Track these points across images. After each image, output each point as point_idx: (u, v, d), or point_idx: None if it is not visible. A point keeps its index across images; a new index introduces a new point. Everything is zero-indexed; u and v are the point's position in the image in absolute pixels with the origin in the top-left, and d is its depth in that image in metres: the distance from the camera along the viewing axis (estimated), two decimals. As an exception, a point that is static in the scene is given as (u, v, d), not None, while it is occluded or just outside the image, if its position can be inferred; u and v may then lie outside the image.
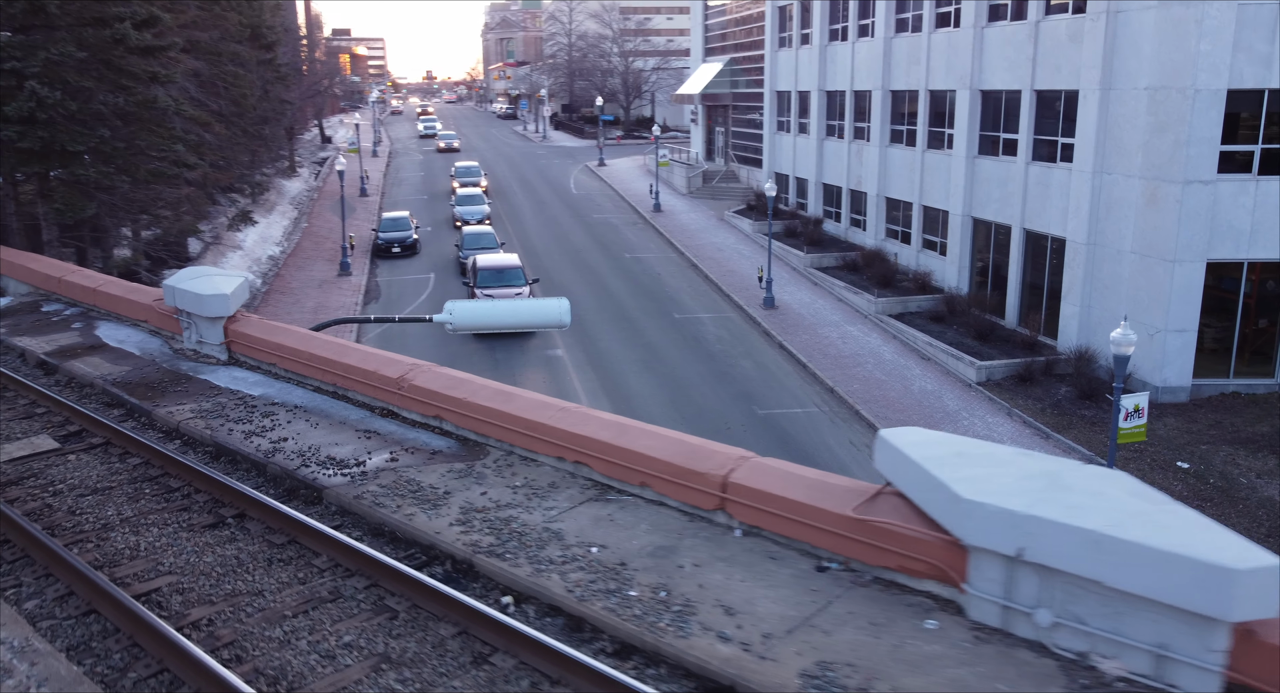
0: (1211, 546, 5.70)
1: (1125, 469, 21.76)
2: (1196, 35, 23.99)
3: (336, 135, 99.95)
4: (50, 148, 20.82)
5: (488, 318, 16.73)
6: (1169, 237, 25.25)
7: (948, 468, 6.89)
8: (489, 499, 8.91)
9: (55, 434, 11.18)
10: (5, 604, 7.07)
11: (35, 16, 20.54)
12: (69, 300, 17.29)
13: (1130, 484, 6.55)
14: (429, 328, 33.42)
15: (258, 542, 8.52)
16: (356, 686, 6.46)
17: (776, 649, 6.47)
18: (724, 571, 7.54)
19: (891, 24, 39.09)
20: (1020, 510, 6.24)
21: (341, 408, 11.54)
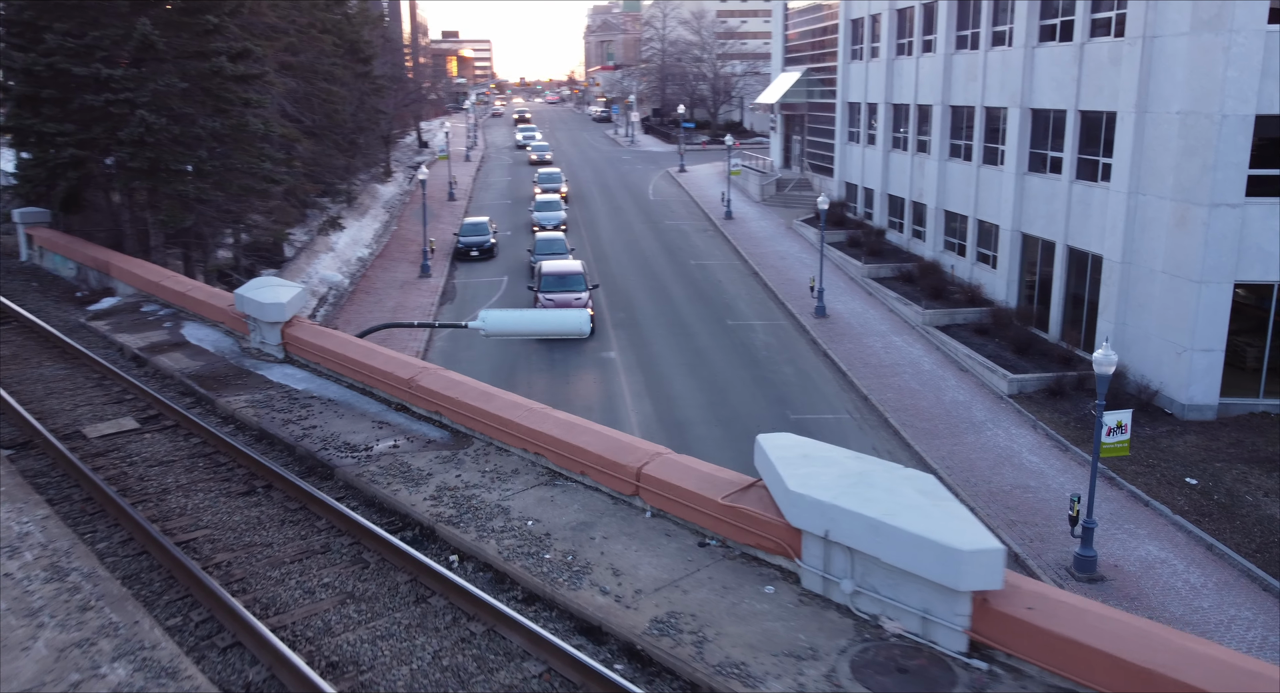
0: (954, 532, 7.35)
1: (1134, 484, 22.72)
2: (1224, 62, 24.53)
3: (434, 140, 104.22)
4: (156, 166, 23.86)
5: (515, 325, 18.68)
6: (1196, 258, 25.80)
7: (790, 467, 8.63)
8: (461, 481, 10.98)
9: (137, 417, 13.72)
10: (81, 543, 9.43)
11: (146, 52, 23.60)
12: (163, 302, 20.11)
13: (922, 484, 8.19)
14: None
15: (276, 507, 10.78)
16: (325, 613, 8.60)
17: (641, 602, 8.34)
18: (625, 543, 9.42)
19: (952, 41, 39.90)
20: (826, 501, 7.98)
21: (365, 402, 13.78)
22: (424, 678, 7.59)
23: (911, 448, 25.98)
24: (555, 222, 52.05)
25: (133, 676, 7.25)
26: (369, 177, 60.41)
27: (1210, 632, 17.48)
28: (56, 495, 11.01)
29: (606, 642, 8.03)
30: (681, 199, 63.67)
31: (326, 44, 39.95)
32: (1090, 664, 6.81)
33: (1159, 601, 18.48)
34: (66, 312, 20.75)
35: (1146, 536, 20.91)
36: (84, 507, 10.76)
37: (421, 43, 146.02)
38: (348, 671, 7.72)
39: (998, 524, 21.61)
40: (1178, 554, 20.05)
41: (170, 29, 23.91)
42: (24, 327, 19.11)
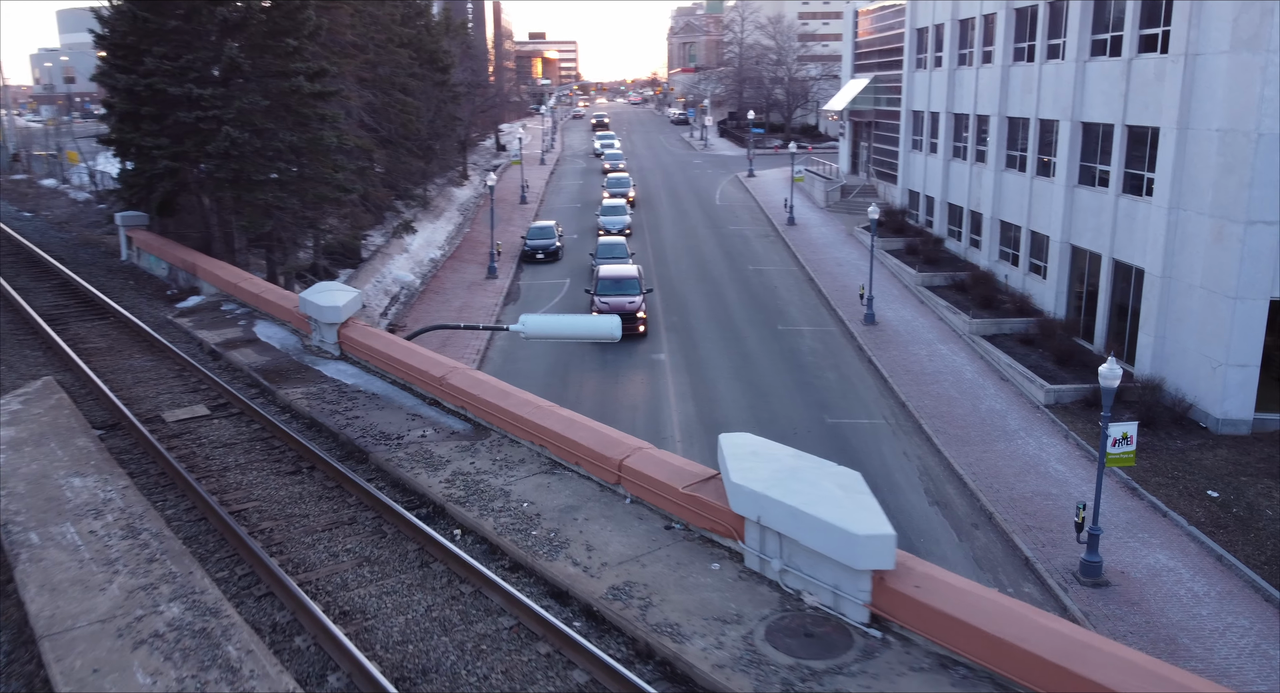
0: (855, 520, 8.63)
1: (1156, 494, 23.30)
2: (1261, 81, 24.77)
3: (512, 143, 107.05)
4: (239, 176, 26.17)
5: (553, 329, 20.10)
6: (1231, 274, 26.05)
7: (737, 461, 9.99)
8: (474, 467, 12.59)
9: (209, 404, 15.72)
10: (153, 509, 11.31)
11: (232, 73, 25.93)
12: (240, 302, 22.29)
13: (843, 479, 9.47)
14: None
15: (316, 485, 12.54)
16: (344, 572, 10.29)
17: (604, 573, 9.81)
18: (602, 524, 10.90)
19: (1010, 53, 40.23)
20: (760, 491, 9.33)
21: (403, 396, 15.53)
22: (415, 626, 9.20)
23: (941, 454, 26.82)
24: (620, 226, 53.72)
25: (184, 613, 9.01)
26: (445, 180, 62.99)
27: (1204, 638, 18.12)
28: (136, 469, 12.98)
29: (570, 604, 9.53)
30: (747, 204, 64.73)
31: (403, 57, 42.28)
32: (963, 636, 8.05)
33: (1158, 607, 19.15)
34: (157, 308, 23.11)
35: (1159, 544, 21.49)
36: (157, 480, 12.69)
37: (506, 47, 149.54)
38: (355, 618, 9.37)
39: (1013, 529, 22.42)
40: (1186, 564, 20.62)
41: (254, 51, 26.20)
42: (120, 322, 21.46)
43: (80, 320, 21.91)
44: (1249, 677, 16.98)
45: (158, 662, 8.24)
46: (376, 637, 9.01)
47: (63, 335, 19.94)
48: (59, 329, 20.51)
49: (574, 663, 8.55)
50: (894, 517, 23.09)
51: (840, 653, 8.35)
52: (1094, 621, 18.76)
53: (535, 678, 8.39)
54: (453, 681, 8.35)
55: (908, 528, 22.99)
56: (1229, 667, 17.26)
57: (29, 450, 12.97)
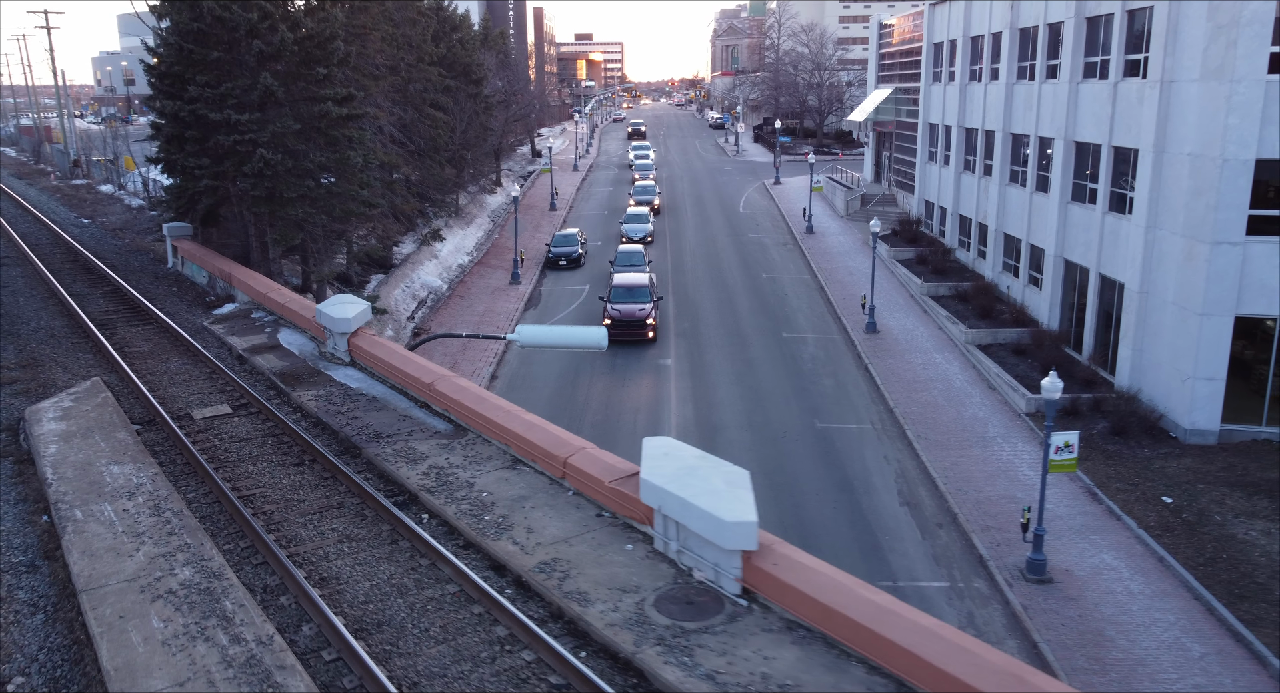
0: (727, 509, 10.57)
1: (1114, 499, 24.83)
2: (1225, 110, 26.07)
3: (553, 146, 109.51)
4: (272, 194, 28.61)
5: (544, 339, 22.12)
6: (1199, 291, 27.35)
7: (651, 461, 11.96)
8: (448, 462, 14.70)
9: (232, 404, 18.03)
10: (176, 492, 13.57)
11: (268, 99, 28.37)
12: (269, 311, 24.68)
13: (731, 476, 11.39)
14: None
15: (315, 476, 14.75)
16: (326, 547, 12.44)
17: (536, 551, 11.84)
18: (545, 511, 12.93)
19: (1014, 71, 41.54)
20: (660, 485, 11.30)
21: (399, 399, 17.70)
22: (377, 590, 11.32)
23: (919, 458, 28.46)
24: (642, 234, 55.75)
25: (194, 576, 11.22)
26: (477, 188, 65.48)
27: (1129, 631, 19.66)
28: (165, 459, 15.29)
29: (506, 575, 11.59)
30: (770, 212, 66.37)
31: (433, 75, 44.68)
32: (804, 604, 9.97)
33: (1093, 602, 20.71)
34: (195, 315, 25.62)
35: (1107, 546, 23.00)
36: (183, 468, 14.99)
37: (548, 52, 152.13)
38: (330, 583, 11.52)
39: (973, 529, 24.06)
40: (1128, 564, 22.13)
41: (288, 79, 28.62)
42: (161, 327, 23.96)
43: (127, 325, 24.45)
44: (1163, 666, 18.54)
45: (170, 611, 10.44)
46: (345, 598, 11.15)
47: (110, 339, 22.46)
48: (107, 334, 23.04)
49: (499, 621, 10.61)
50: (866, 517, 25.02)
51: (710, 617, 10.31)
52: (1032, 613, 20.40)
53: (465, 631, 10.47)
54: (400, 632, 10.45)
55: (876, 527, 24.71)
56: (1146, 657, 18.83)
57: (77, 442, 15.34)
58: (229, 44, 28.10)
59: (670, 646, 9.78)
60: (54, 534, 12.66)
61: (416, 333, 39.92)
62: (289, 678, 9.26)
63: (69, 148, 76.83)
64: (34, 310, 26.25)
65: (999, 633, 20.13)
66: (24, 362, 21.32)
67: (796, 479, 27.40)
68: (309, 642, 10.31)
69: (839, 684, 9.06)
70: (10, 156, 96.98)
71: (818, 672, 9.26)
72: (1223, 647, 19.07)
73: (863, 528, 24.64)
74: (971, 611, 21.01)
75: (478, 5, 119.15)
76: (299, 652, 10.03)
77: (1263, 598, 20.44)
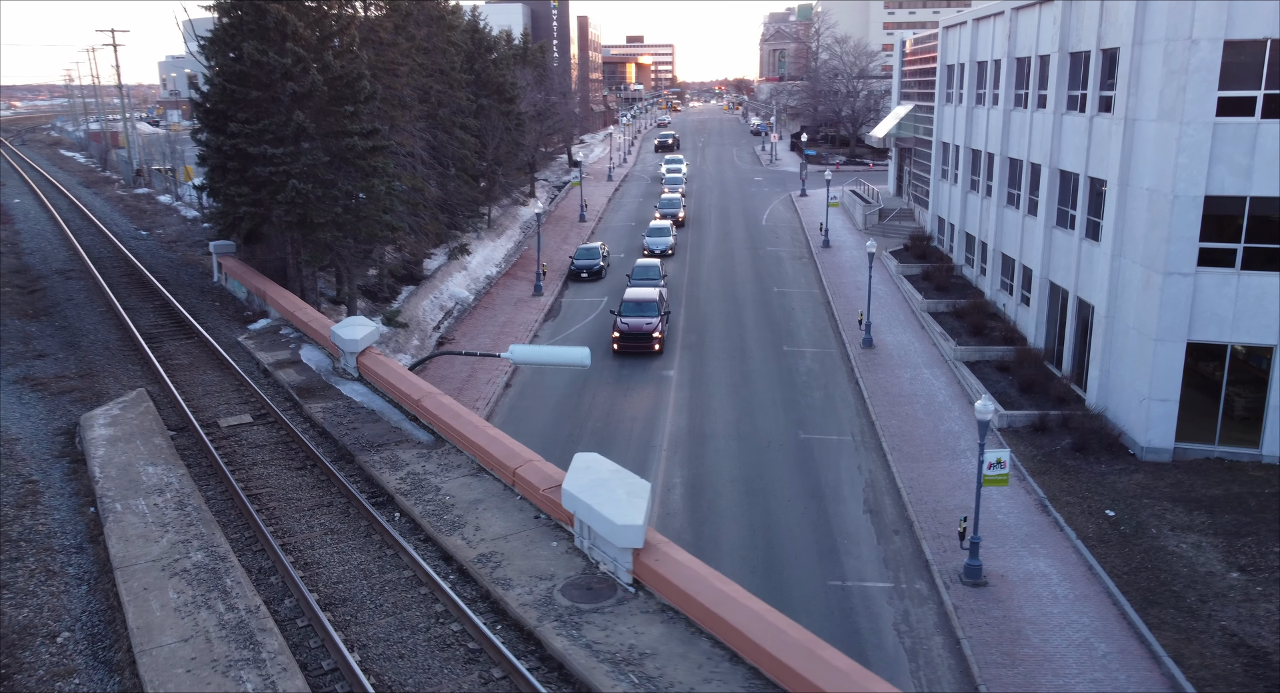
0: (621, 514, 13.13)
1: (1061, 512, 26.88)
2: (1176, 149, 27.88)
3: (592, 154, 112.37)
4: (304, 220, 31.73)
5: (534, 357, 24.79)
6: (1154, 318, 29.17)
7: (573, 474, 14.57)
8: (423, 469, 17.47)
9: (253, 414, 21.02)
10: (198, 490, 16.50)
11: (300, 135, 31.49)
12: (295, 328, 27.73)
13: (633, 487, 13.94)
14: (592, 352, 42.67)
15: (313, 478, 17.62)
16: (313, 539, 15.27)
17: (479, 545, 14.54)
18: (494, 513, 15.62)
19: (1011, 98, 43.33)
20: (574, 493, 13.91)
21: (394, 413, 20.53)
22: (347, 574, 14.11)
23: (890, 469, 30.64)
24: (663, 247, 58.32)
25: (204, 558, 14.09)
26: (510, 201, 68.54)
27: (1045, 631, 21.78)
28: (192, 462, 18.28)
29: (451, 564, 14.30)
30: (791, 225, 68.49)
31: (463, 100, 47.72)
32: (673, 592, 12.51)
33: (1019, 605, 22.85)
34: (231, 329, 28.79)
35: (1045, 554, 25.07)
36: (206, 470, 17.96)
37: (593, 59, 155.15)
38: (311, 567, 14.34)
39: (925, 536, 26.25)
40: (1060, 571, 24.20)
41: (318, 116, 31.72)
42: (200, 341, 27.14)
43: (172, 339, 27.68)
44: (1067, 663, 20.66)
45: (182, 586, 13.32)
46: (321, 578, 13.95)
47: (156, 352, 25.66)
48: (154, 347, 26.26)
49: (439, 600, 13.32)
50: (829, 522, 27.36)
51: (603, 601, 12.90)
52: (961, 613, 22.61)
53: (411, 607, 13.20)
54: (359, 606, 13.22)
55: (837, 531, 27.02)
56: (1054, 654, 20.96)
57: (121, 446, 18.39)
58: (266, 85, 31.26)
59: (565, 621, 12.40)
60: (98, 523, 15.66)
61: (440, 342, 42.93)
62: (267, 638, 12.05)
63: (132, 158, 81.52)
64: (93, 323, 29.65)
65: (929, 630, 22.39)
66: (82, 372, 24.60)
67: (772, 486, 29.78)
68: (288, 612, 13.12)
69: (687, 654, 11.61)
70: (79, 163, 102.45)
71: (673, 644, 11.82)
72: (1126, 647, 21.14)
73: (824, 532, 26.97)
74: (908, 609, 23.27)
75: (522, 16, 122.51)
76: (278, 619, 12.85)
77: (1173, 605, 22.43)
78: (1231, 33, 27.03)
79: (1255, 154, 27.47)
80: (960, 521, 24.79)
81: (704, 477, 30.36)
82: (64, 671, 12.20)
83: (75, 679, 12.06)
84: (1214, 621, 21.84)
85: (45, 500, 16.99)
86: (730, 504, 28.57)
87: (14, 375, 24.68)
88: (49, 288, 35.50)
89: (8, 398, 22.77)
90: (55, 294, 34.32)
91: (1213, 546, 25.16)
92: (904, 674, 20.81)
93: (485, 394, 36.68)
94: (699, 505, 28.48)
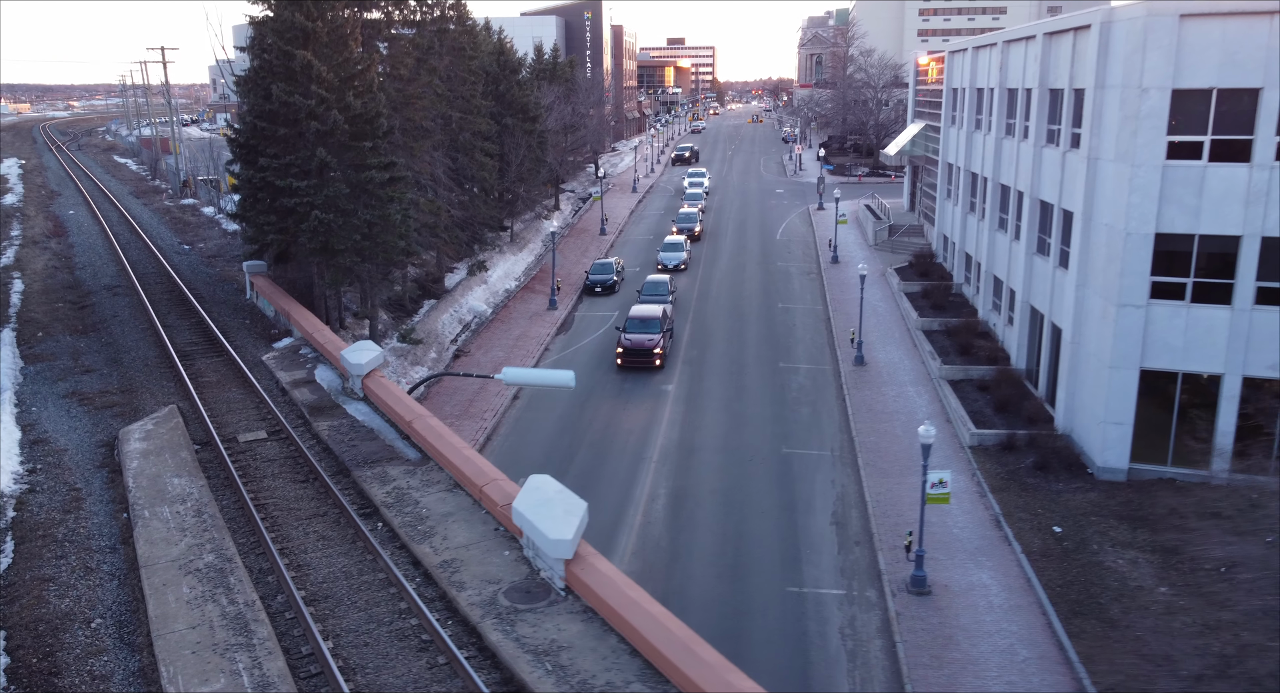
0: (554, 529, 15.65)
1: (1012, 527, 28.97)
2: (1129, 189, 29.78)
3: (621, 163, 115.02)
4: (326, 246, 34.68)
5: (524, 379, 27.35)
6: (1109, 346, 31.08)
7: (523, 494, 17.12)
8: (408, 484, 20.14)
9: (268, 430, 23.87)
10: (215, 499, 19.33)
11: (322, 169, 34.43)
12: (313, 348, 30.62)
13: (570, 507, 16.44)
14: (599, 365, 45.27)
15: (313, 490, 20.38)
16: (306, 544, 18.00)
17: (444, 552, 17.16)
18: (460, 525, 18.24)
19: (1003, 127, 45.15)
20: (521, 511, 16.47)
21: (388, 431, 23.25)
22: (331, 575, 16.81)
23: (862, 484, 32.84)
24: (676, 262, 60.79)
25: (214, 559, 16.87)
26: (533, 215, 71.38)
27: (975, 637, 23.93)
28: (212, 474, 21.14)
29: (419, 568, 16.94)
30: (805, 240, 70.55)
31: (481, 124, 50.56)
32: (592, 596, 15.02)
33: (955, 613, 25.01)
34: (257, 347, 31.77)
35: (990, 567, 27.18)
36: (223, 481, 20.82)
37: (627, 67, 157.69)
38: (302, 568, 17.06)
39: (882, 548, 28.46)
40: (1001, 583, 26.30)
41: (339, 151, 34.63)
42: (228, 360, 30.14)
43: (204, 356, 30.72)
44: (989, 666, 22.83)
45: (194, 582, 16.10)
46: (309, 578, 16.67)
47: (188, 370, 28.67)
48: (187, 365, 29.28)
49: (403, 599, 15.97)
50: (797, 533, 29.71)
51: (537, 602, 15.46)
52: (901, 620, 24.83)
53: (380, 604, 15.86)
54: (338, 603, 15.91)
55: (802, 542, 29.32)
56: (979, 658, 23.14)
57: (151, 458, 21.31)
58: (293, 122, 34.23)
59: (502, 619, 14.98)
60: (129, 527, 18.53)
61: (456, 356, 45.78)
62: (259, 627, 14.77)
63: (179, 169, 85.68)
64: (135, 340, 32.83)
65: (870, 634, 24.65)
66: (123, 388, 27.68)
67: (750, 498, 32.15)
68: (278, 606, 15.85)
69: (596, 648, 14.13)
70: (131, 171, 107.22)
71: (588, 640, 14.34)
72: (1046, 653, 23.26)
73: (790, 543, 29.29)
74: (855, 615, 25.54)
75: (555, 28, 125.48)
76: (270, 612, 15.58)
77: (1097, 616, 24.47)
78: (1179, 82, 28.89)
79: (1203, 195, 29.31)
80: (906, 535, 26.98)
81: (688, 488, 32.78)
82: (95, 650, 15.02)
83: (104, 657, 14.88)
84: (1131, 631, 23.86)
85: (87, 506, 19.94)
86: (708, 515, 30.98)
87: (64, 390, 27.84)
88: (97, 304, 38.86)
89: (59, 411, 25.89)
90: (103, 310, 37.65)
91: (1148, 562, 27.11)
92: (841, 674, 23.13)
93: (494, 406, 39.43)
94: (679, 515, 30.92)
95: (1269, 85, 28.07)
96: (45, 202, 72.91)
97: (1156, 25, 28.69)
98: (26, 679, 14.37)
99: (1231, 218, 29.22)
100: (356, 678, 13.94)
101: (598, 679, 13.37)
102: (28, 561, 17.75)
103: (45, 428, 24.63)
